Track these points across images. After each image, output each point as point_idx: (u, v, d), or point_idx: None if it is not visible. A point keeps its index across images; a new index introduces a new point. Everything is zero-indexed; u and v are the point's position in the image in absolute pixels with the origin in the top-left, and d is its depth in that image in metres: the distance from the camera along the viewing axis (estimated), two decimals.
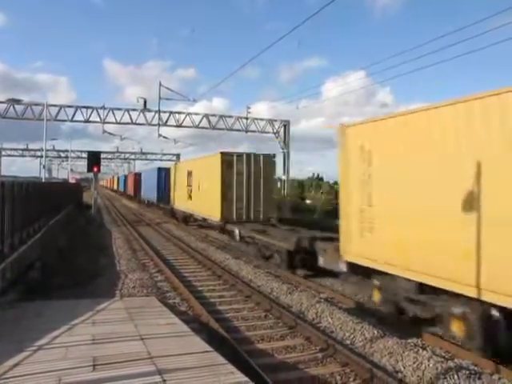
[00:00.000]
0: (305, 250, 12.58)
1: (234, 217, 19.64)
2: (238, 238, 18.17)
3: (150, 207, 44.59)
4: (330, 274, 12.19)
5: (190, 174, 25.68)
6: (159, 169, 40.22)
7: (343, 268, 9.92)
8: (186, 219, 27.69)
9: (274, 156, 21.39)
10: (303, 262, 12.99)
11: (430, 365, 6.57)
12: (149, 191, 43.14)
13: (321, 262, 11.28)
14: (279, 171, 33.81)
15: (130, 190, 62.74)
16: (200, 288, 11.68)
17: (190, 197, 25.69)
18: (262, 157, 20.24)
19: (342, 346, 7.37)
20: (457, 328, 7.12)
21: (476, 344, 6.86)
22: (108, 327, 7.15)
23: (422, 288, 7.76)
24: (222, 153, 19.95)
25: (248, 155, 20.02)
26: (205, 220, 23.13)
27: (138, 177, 55.07)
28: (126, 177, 76.22)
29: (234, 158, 19.77)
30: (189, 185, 25.66)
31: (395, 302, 8.55)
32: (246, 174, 19.66)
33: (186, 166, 27.90)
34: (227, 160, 19.64)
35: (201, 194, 23.14)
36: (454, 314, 7.14)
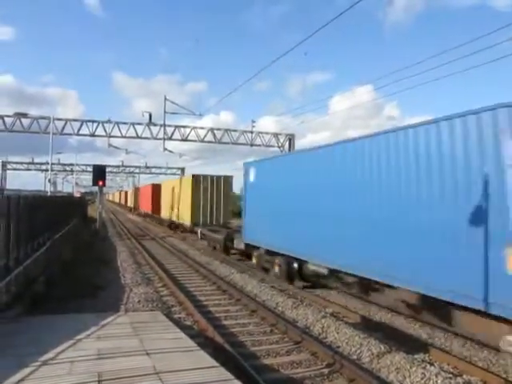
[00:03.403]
0: None
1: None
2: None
3: None
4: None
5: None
6: None
7: None
8: None
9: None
10: None
11: (439, 381, 6.47)
12: None
13: None
14: None
15: None
16: (205, 303, 11.62)
17: None
18: None
19: (348, 362, 7.29)
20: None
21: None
22: (113, 342, 7.11)
23: None
24: None
25: None
26: None
27: None
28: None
29: None
30: None
31: None
32: None
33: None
34: None
35: None
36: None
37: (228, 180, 28.16)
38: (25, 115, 28.96)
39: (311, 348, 8.02)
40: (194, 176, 27.68)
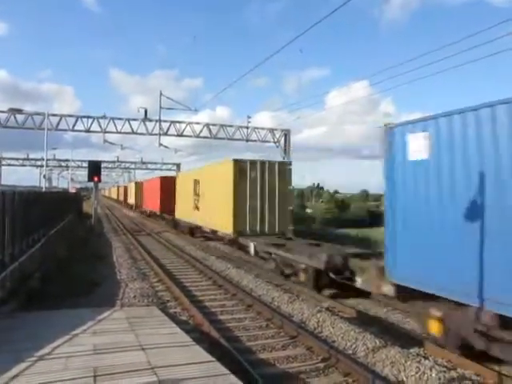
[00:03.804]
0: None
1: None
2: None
3: None
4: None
5: None
6: None
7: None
8: None
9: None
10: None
11: (433, 375, 6.51)
12: None
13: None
14: None
15: None
16: (201, 297, 11.63)
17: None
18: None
19: (344, 356, 7.33)
20: None
21: None
22: (109, 337, 7.12)
23: None
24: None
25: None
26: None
27: None
28: None
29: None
30: None
31: None
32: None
33: None
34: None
35: None
36: None
37: (285, 167, 19.76)
38: (19, 111, 28.78)
39: (307, 342, 8.05)
40: (236, 162, 18.84)
